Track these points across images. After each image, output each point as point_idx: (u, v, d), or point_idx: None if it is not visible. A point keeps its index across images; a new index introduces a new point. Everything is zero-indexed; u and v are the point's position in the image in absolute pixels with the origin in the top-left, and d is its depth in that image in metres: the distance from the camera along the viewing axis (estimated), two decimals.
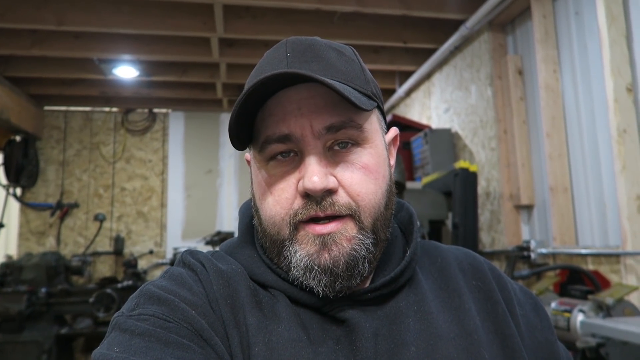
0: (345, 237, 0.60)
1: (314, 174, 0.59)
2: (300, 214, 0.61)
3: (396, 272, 0.65)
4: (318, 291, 0.61)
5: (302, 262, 0.60)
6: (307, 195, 0.60)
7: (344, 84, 0.62)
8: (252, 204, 0.70)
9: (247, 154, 0.74)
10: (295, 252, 0.61)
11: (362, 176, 0.62)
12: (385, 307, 0.64)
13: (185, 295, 0.60)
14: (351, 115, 0.62)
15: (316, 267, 0.60)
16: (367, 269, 0.62)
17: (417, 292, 0.67)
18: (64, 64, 4.30)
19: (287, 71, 0.58)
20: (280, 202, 0.62)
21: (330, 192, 0.60)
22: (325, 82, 0.57)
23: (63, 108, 5.50)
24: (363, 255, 0.61)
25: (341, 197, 0.61)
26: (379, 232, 0.64)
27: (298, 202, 0.61)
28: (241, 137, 0.64)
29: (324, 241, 0.60)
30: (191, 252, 0.69)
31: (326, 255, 0.60)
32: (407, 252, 0.69)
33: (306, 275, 0.61)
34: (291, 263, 0.62)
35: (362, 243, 0.61)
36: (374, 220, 0.63)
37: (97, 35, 3.80)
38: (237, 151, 5.68)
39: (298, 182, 0.61)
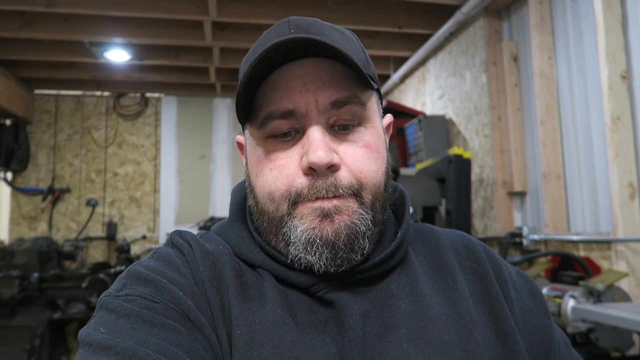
0: (346, 210, 0.60)
1: (319, 147, 0.58)
2: (305, 195, 0.60)
3: (386, 254, 0.65)
4: (319, 266, 0.59)
5: (303, 237, 0.59)
6: (310, 171, 0.59)
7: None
8: (246, 184, 0.69)
9: (239, 136, 0.73)
10: (296, 227, 0.60)
11: (365, 154, 0.62)
12: (376, 289, 0.63)
13: (173, 276, 0.60)
14: (355, 91, 0.62)
15: (318, 240, 0.59)
16: (366, 246, 0.62)
17: (409, 273, 0.66)
18: (54, 46, 4.24)
19: (310, 37, 0.57)
20: (280, 177, 0.61)
21: (333, 168, 0.60)
22: (342, 51, 0.57)
23: (54, 92, 5.43)
24: (363, 230, 0.61)
25: (344, 178, 0.60)
26: (377, 213, 0.64)
27: (301, 181, 0.60)
28: (245, 110, 0.63)
29: (326, 212, 0.59)
30: (180, 233, 0.68)
31: (328, 226, 0.59)
32: (399, 234, 0.68)
33: (307, 249, 0.59)
34: (290, 239, 0.60)
35: (363, 218, 0.61)
36: (373, 198, 0.63)
37: (88, 18, 3.74)
38: (230, 136, 5.67)
39: (301, 158, 0.60)
